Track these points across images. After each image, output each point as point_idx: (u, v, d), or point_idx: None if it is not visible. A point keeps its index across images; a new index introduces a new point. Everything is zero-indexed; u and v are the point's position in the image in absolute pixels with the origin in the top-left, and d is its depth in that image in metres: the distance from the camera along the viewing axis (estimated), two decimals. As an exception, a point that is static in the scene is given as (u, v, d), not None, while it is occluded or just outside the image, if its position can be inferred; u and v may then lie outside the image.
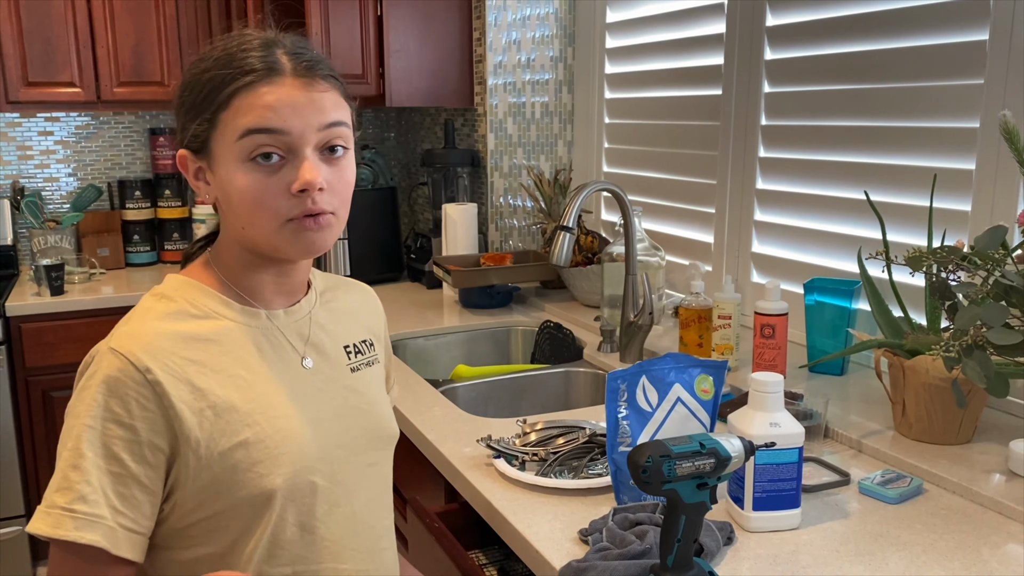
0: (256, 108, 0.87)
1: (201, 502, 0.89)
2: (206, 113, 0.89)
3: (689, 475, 0.95)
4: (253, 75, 0.88)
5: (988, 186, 1.51)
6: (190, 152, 0.92)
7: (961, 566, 1.06)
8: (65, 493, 0.83)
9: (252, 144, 0.87)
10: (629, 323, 1.92)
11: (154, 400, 0.85)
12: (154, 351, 0.86)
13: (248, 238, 0.93)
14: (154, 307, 0.92)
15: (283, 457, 0.90)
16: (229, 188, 0.90)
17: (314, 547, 0.94)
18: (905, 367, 1.38)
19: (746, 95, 2.07)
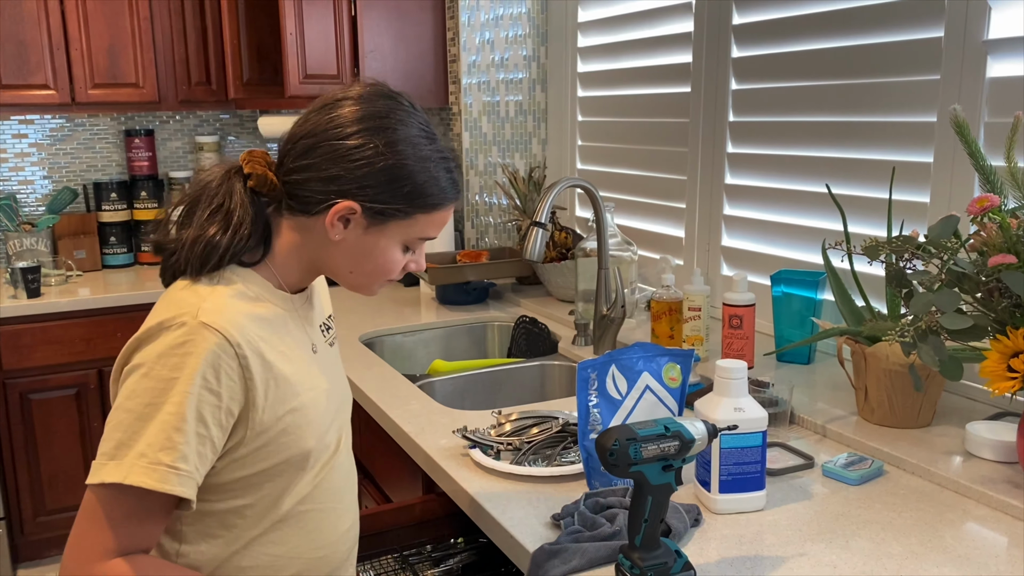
0: (441, 223, 1.11)
1: (254, 459, 1.03)
2: (406, 205, 1.05)
3: (655, 457, 0.99)
4: (453, 196, 1.10)
5: (945, 178, 1.57)
6: (360, 208, 1.03)
7: (918, 542, 1.11)
8: (170, 452, 0.94)
9: (416, 242, 1.11)
10: (602, 316, 1.96)
11: (238, 371, 0.98)
12: (239, 327, 0.99)
13: (340, 275, 1.11)
14: (218, 289, 1.03)
15: (315, 422, 1.08)
16: (376, 253, 1.08)
17: (327, 493, 1.12)
18: (866, 354, 1.43)
19: (714, 92, 2.11)
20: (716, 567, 1.06)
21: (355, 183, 1.02)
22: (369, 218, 1.04)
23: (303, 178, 1.04)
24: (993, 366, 1.18)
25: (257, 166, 1.06)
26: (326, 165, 1.02)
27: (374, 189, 1.02)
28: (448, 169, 1.08)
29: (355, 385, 1.81)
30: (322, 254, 1.08)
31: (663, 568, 0.99)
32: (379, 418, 1.69)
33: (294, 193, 1.05)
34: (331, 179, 1.02)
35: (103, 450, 0.95)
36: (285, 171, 1.06)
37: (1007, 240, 1.13)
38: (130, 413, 0.95)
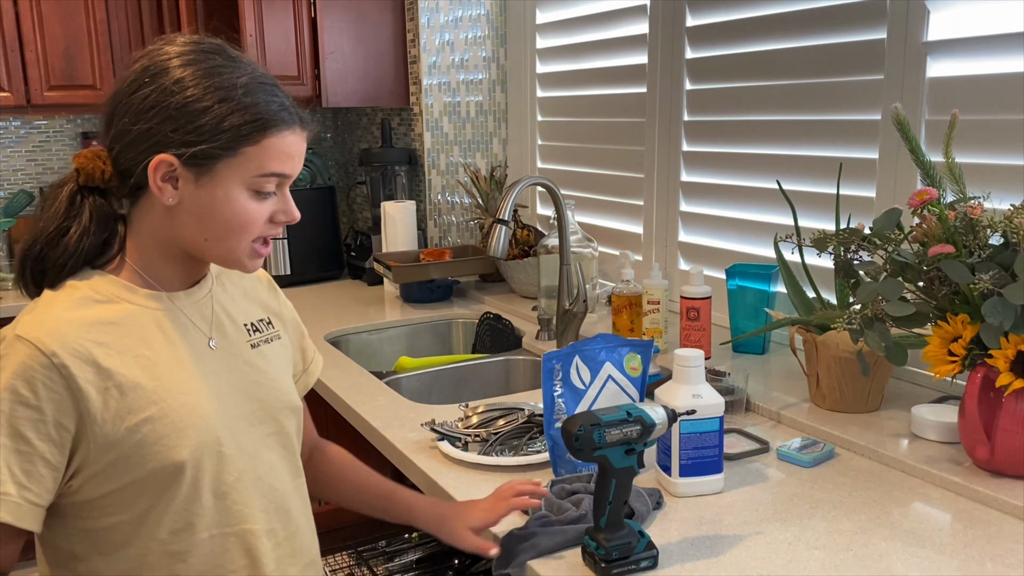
0: (283, 155, 0.97)
1: (111, 475, 0.94)
2: (224, 139, 0.94)
3: (618, 441, 1.04)
4: (285, 120, 0.97)
5: (890, 173, 1.64)
6: (178, 161, 0.94)
7: (867, 519, 1.17)
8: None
9: (265, 181, 0.97)
10: (564, 311, 2.00)
11: (60, 382, 0.90)
12: (58, 336, 0.91)
13: (201, 247, 1.00)
14: (57, 296, 0.97)
15: (188, 430, 0.97)
16: (218, 205, 0.96)
17: (227, 511, 1.01)
18: (817, 342, 1.49)
19: (669, 92, 2.17)
20: (678, 547, 1.11)
21: (158, 134, 0.94)
22: (191, 167, 0.94)
23: (118, 150, 0.97)
24: (935, 351, 1.24)
25: (84, 160, 0.99)
26: (128, 125, 0.95)
27: (179, 132, 0.93)
28: (270, 93, 0.97)
29: (321, 383, 1.84)
30: (174, 230, 0.99)
31: (627, 548, 1.04)
32: (346, 414, 1.72)
33: (121, 171, 0.98)
34: (137, 138, 0.95)
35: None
36: (109, 152, 0.99)
37: (945, 231, 1.20)
38: None
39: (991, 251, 1.17)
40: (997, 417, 1.21)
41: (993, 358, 1.17)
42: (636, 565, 1.04)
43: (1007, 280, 1.14)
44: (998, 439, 1.22)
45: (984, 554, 1.07)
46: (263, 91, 0.97)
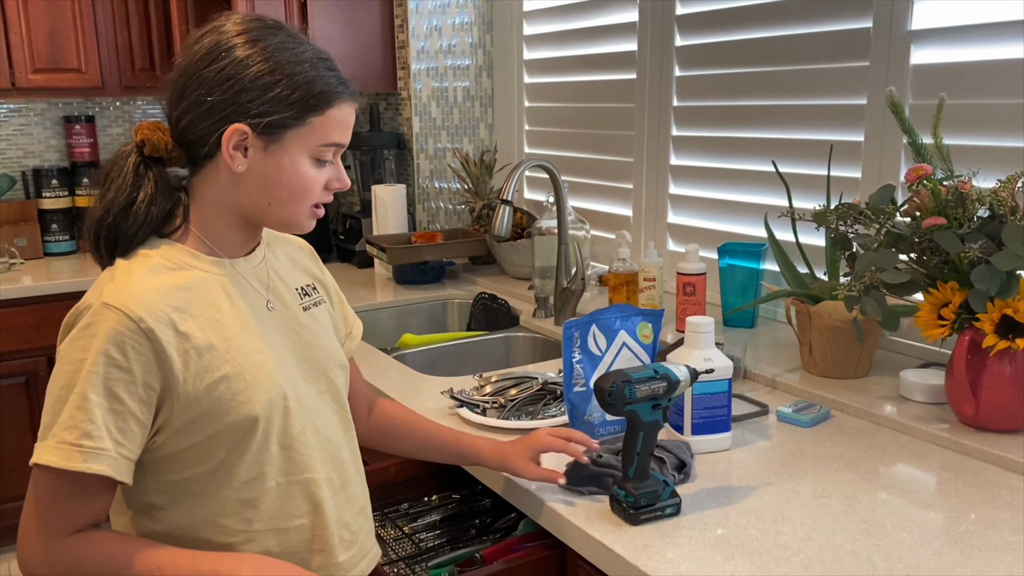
0: (342, 126, 1.05)
1: (192, 430, 1.01)
2: (294, 110, 1.01)
3: (646, 397, 1.12)
4: (344, 93, 1.05)
5: (875, 155, 1.74)
6: (250, 129, 1.01)
7: (867, 469, 1.27)
8: (72, 431, 0.94)
9: (326, 150, 1.05)
10: (563, 289, 2.08)
11: (147, 346, 0.97)
12: (142, 302, 0.98)
13: (264, 213, 1.06)
14: (133, 265, 1.02)
15: (259, 387, 1.03)
16: (283, 173, 1.03)
17: (292, 461, 1.08)
18: (811, 312, 1.59)
19: (659, 78, 2.25)
20: (695, 496, 1.20)
21: (234, 104, 1.00)
22: (263, 136, 1.01)
23: (188, 121, 1.02)
24: (926, 316, 1.35)
25: (148, 132, 1.04)
26: (203, 96, 1.00)
27: (254, 104, 1.00)
28: (329, 67, 1.04)
29: (332, 357, 1.89)
30: (238, 197, 1.05)
31: (654, 495, 1.12)
32: (360, 387, 1.77)
33: (188, 142, 1.03)
34: (211, 109, 1.00)
35: (40, 433, 0.98)
36: (172, 124, 1.04)
37: (938, 204, 1.30)
38: (51, 396, 0.97)
39: (979, 223, 1.27)
40: (982, 377, 1.32)
41: (980, 321, 1.28)
42: (662, 511, 1.13)
43: (994, 249, 1.24)
44: (983, 397, 1.32)
45: (973, 498, 1.17)
46: (324, 65, 1.04)
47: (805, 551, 1.05)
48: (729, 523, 1.12)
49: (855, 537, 1.07)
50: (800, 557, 1.03)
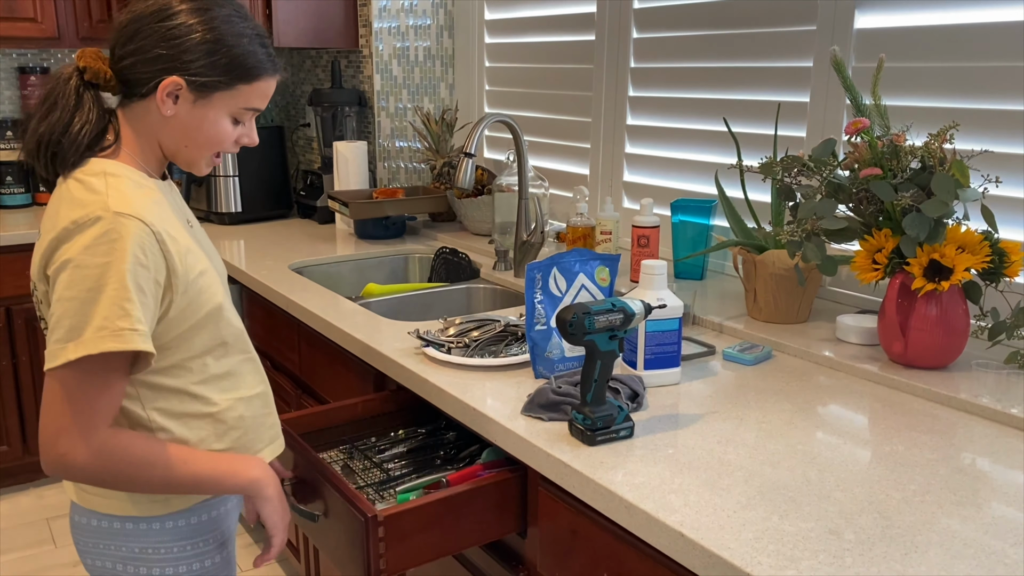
0: (263, 95, 1.23)
1: (181, 319, 1.17)
2: (227, 76, 1.17)
3: (604, 328, 1.20)
4: (271, 69, 1.22)
5: (819, 115, 1.84)
6: (185, 83, 1.16)
7: (804, 401, 1.38)
8: (126, 318, 1.07)
9: (246, 113, 1.22)
10: (523, 242, 2.15)
11: (158, 247, 1.12)
12: (146, 212, 1.12)
13: (177, 151, 1.22)
14: (113, 180, 1.13)
15: (216, 281, 1.23)
16: (206, 125, 1.20)
17: (242, 341, 1.29)
18: (756, 261, 1.69)
19: (617, 40, 2.33)
20: (647, 423, 1.29)
21: (177, 60, 1.14)
22: (195, 91, 1.16)
23: (131, 62, 1.15)
24: (861, 261, 1.45)
25: (90, 60, 1.16)
26: (150, 46, 1.14)
27: (195, 63, 1.15)
28: (263, 44, 1.21)
29: (299, 304, 1.95)
30: (161, 135, 1.19)
31: (609, 419, 1.21)
32: (326, 330, 1.84)
33: (126, 78, 1.16)
34: (156, 58, 1.14)
35: (56, 337, 1.07)
36: (116, 59, 1.17)
37: (875, 156, 1.40)
38: (73, 301, 1.06)
39: (911, 174, 1.38)
40: (911, 318, 1.43)
41: (910, 266, 1.39)
42: (616, 434, 1.22)
43: (924, 198, 1.35)
44: (911, 336, 1.44)
45: (899, 424, 1.29)
46: (260, 42, 1.21)
47: (747, 467, 1.15)
48: (678, 444, 1.22)
49: (792, 455, 1.18)
50: (742, 472, 1.13)
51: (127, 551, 1.23)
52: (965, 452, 1.19)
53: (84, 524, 1.24)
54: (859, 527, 0.99)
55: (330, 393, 1.95)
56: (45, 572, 2.59)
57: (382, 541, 1.22)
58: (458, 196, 2.62)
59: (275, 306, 2.15)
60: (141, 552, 1.23)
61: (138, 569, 1.24)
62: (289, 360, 2.16)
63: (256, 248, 2.56)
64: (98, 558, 1.25)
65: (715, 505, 1.05)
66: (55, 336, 1.07)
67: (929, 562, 0.93)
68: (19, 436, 2.93)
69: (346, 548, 1.28)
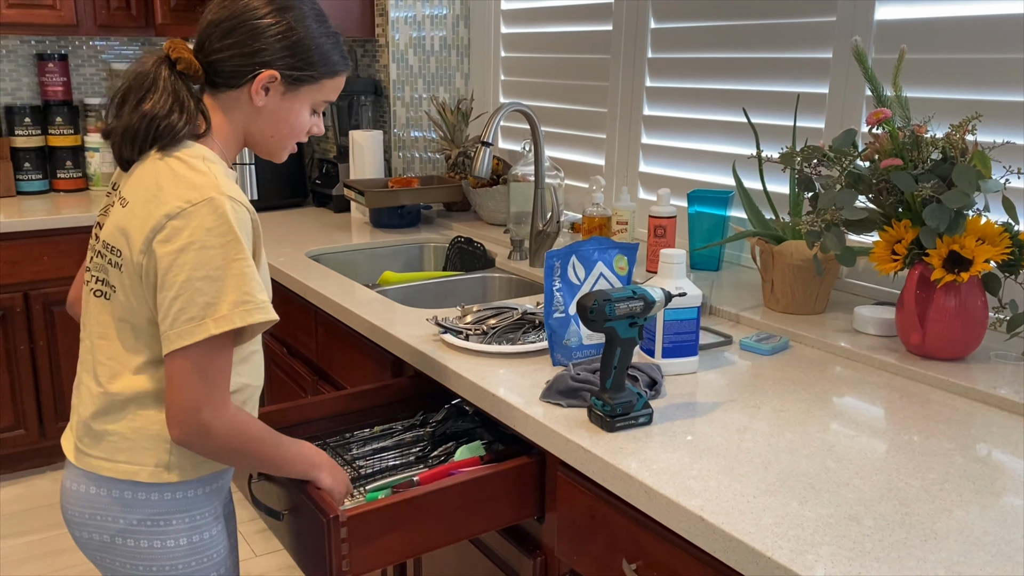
0: (339, 88, 1.33)
1: None
2: (315, 72, 1.27)
3: (624, 315, 1.21)
4: (346, 65, 1.33)
5: (838, 106, 1.84)
6: (280, 76, 1.25)
7: (821, 390, 1.38)
8: (261, 292, 1.16)
9: (323, 105, 1.33)
10: (539, 231, 2.16)
11: (251, 230, 1.20)
12: (241, 195, 1.20)
13: (262, 139, 1.30)
14: (213, 165, 1.20)
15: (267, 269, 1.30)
16: (291, 115, 1.29)
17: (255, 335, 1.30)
18: (774, 251, 1.69)
19: (634, 30, 2.33)
20: (666, 410, 1.30)
21: (273, 54, 1.23)
22: (286, 84, 1.25)
23: (227, 55, 1.23)
24: (881, 252, 1.45)
25: (183, 51, 1.23)
26: (248, 42, 1.22)
27: (289, 59, 1.24)
28: (338, 43, 1.31)
29: (317, 291, 1.96)
30: (249, 125, 1.27)
31: (628, 405, 1.22)
32: (345, 317, 1.85)
33: (219, 70, 1.23)
34: (253, 53, 1.22)
35: (190, 315, 1.12)
36: (207, 53, 1.24)
37: (895, 146, 1.40)
38: (204, 280, 1.13)
39: (932, 164, 1.37)
40: (929, 308, 1.43)
41: (929, 257, 1.39)
42: (635, 420, 1.23)
43: (944, 189, 1.35)
44: (929, 327, 1.44)
45: (917, 414, 1.29)
46: (337, 40, 1.31)
47: (765, 454, 1.15)
48: (696, 431, 1.22)
49: (809, 444, 1.19)
50: (761, 459, 1.14)
51: (125, 523, 1.25)
52: (983, 443, 1.20)
53: (83, 492, 1.26)
54: (878, 514, 1.00)
55: (347, 379, 1.97)
56: (63, 554, 2.62)
57: (345, 542, 1.19)
58: (474, 185, 2.63)
59: (292, 293, 2.16)
60: (140, 524, 1.25)
61: (138, 542, 1.26)
62: (306, 346, 2.17)
63: (272, 236, 2.58)
64: (96, 531, 1.26)
65: (734, 491, 1.05)
66: (187, 315, 1.12)
67: (948, 549, 0.93)
68: (36, 420, 2.96)
69: (309, 549, 1.26)
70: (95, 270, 1.25)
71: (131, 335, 1.21)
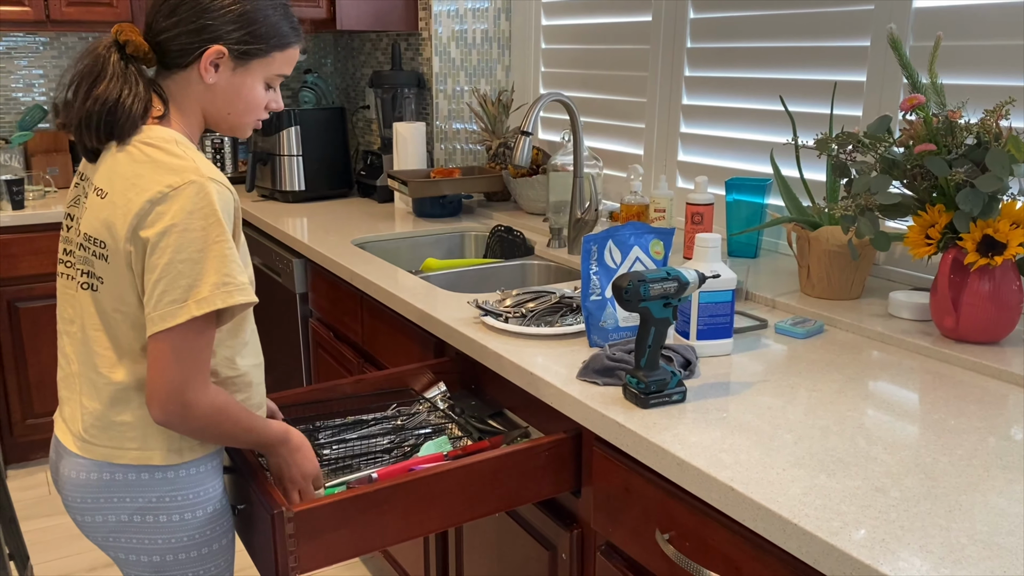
0: (292, 61, 1.33)
1: None
2: (264, 44, 1.27)
3: (659, 295, 1.25)
4: (298, 38, 1.32)
5: (876, 94, 1.85)
6: (227, 51, 1.25)
7: (854, 372, 1.41)
8: (241, 273, 1.19)
9: (277, 79, 1.33)
10: (577, 220, 2.20)
11: (232, 209, 1.22)
12: (221, 176, 1.22)
13: (220, 118, 1.31)
14: (188, 148, 1.23)
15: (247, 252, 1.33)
16: (243, 91, 1.29)
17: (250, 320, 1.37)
18: (810, 237, 1.71)
19: (673, 21, 2.35)
20: (700, 389, 1.34)
21: (219, 30, 1.23)
22: (235, 59, 1.25)
23: (174, 34, 1.22)
24: (915, 236, 1.47)
25: (130, 34, 1.22)
26: (192, 18, 1.21)
27: (236, 33, 1.24)
28: (287, 15, 1.30)
29: (363, 276, 2.03)
30: (205, 104, 1.28)
31: (662, 383, 1.26)
32: (389, 301, 1.91)
33: (167, 49, 1.23)
34: (199, 29, 1.22)
35: (172, 298, 1.14)
36: (155, 33, 1.24)
37: (929, 132, 1.41)
38: (186, 263, 1.14)
39: (966, 149, 1.39)
40: (963, 292, 1.45)
41: (963, 240, 1.40)
42: (669, 398, 1.27)
43: (978, 173, 1.36)
44: (963, 311, 1.45)
45: (948, 395, 1.31)
46: (286, 12, 1.31)
47: (796, 431, 1.19)
48: (729, 409, 1.26)
49: (841, 422, 1.22)
50: (792, 435, 1.17)
51: (144, 501, 1.27)
52: (1015, 423, 1.22)
53: (95, 480, 1.27)
54: (905, 486, 1.03)
55: (391, 361, 2.03)
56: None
57: (292, 538, 1.18)
58: (513, 175, 2.68)
59: (339, 279, 2.23)
60: (159, 500, 1.27)
61: (157, 517, 1.28)
62: (352, 330, 2.24)
63: (319, 225, 2.65)
64: (111, 512, 1.28)
65: (764, 464, 1.09)
66: (169, 298, 1.14)
67: (972, 519, 0.96)
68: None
69: (259, 544, 1.26)
70: (79, 263, 1.25)
71: (126, 324, 1.22)
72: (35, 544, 2.61)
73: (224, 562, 1.37)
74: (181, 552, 1.30)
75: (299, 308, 2.56)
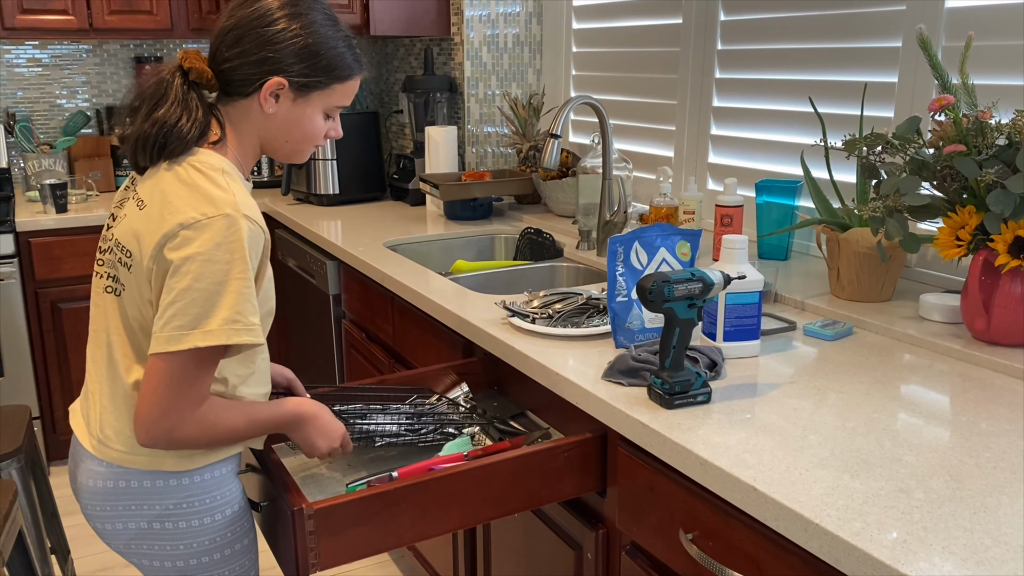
0: (352, 93, 1.35)
1: None
2: (325, 77, 1.28)
3: (683, 296, 1.26)
4: (359, 69, 1.34)
5: (907, 95, 1.84)
6: (288, 83, 1.27)
7: (882, 374, 1.40)
8: (254, 314, 1.19)
9: (336, 110, 1.35)
10: (606, 222, 2.21)
11: (262, 249, 1.24)
12: (256, 214, 1.24)
13: (278, 146, 1.33)
14: (232, 181, 1.24)
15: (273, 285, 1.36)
16: (304, 121, 1.31)
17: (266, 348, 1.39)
18: (840, 239, 1.71)
19: (704, 23, 2.35)
20: (725, 390, 1.34)
21: (281, 62, 1.24)
22: (295, 91, 1.27)
23: (237, 64, 1.24)
24: (944, 238, 1.46)
25: (195, 61, 1.25)
26: (256, 49, 1.23)
27: (297, 65, 1.25)
28: (351, 47, 1.31)
29: (394, 278, 2.06)
30: (262, 132, 1.30)
31: (687, 384, 1.27)
32: (419, 302, 1.94)
33: (230, 79, 1.26)
34: (261, 61, 1.24)
35: (179, 324, 1.15)
36: (218, 62, 1.26)
37: (959, 133, 1.40)
38: (202, 292, 1.15)
39: (996, 150, 1.38)
40: (994, 295, 1.43)
41: (994, 242, 1.39)
42: (694, 399, 1.27)
43: (1009, 174, 1.35)
44: (994, 313, 1.44)
45: (978, 397, 1.30)
46: (349, 44, 1.32)
47: (822, 432, 1.19)
48: (755, 410, 1.26)
49: (867, 423, 1.21)
50: (816, 436, 1.17)
51: (161, 508, 1.29)
52: (1045, 425, 1.20)
53: (111, 488, 1.29)
54: (929, 488, 1.03)
55: (421, 361, 2.06)
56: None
57: (312, 534, 1.19)
58: (543, 177, 2.69)
59: (371, 280, 2.26)
60: (176, 507, 1.30)
61: (177, 524, 1.30)
62: (383, 331, 2.27)
63: (352, 228, 2.69)
64: (131, 520, 1.30)
65: (787, 464, 1.09)
66: (177, 322, 1.15)
67: (997, 521, 0.95)
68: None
69: (280, 541, 1.27)
70: (108, 266, 1.28)
71: (140, 333, 1.25)
72: (76, 539, 2.68)
73: (248, 561, 1.40)
74: (204, 555, 1.33)
75: (332, 309, 2.60)
